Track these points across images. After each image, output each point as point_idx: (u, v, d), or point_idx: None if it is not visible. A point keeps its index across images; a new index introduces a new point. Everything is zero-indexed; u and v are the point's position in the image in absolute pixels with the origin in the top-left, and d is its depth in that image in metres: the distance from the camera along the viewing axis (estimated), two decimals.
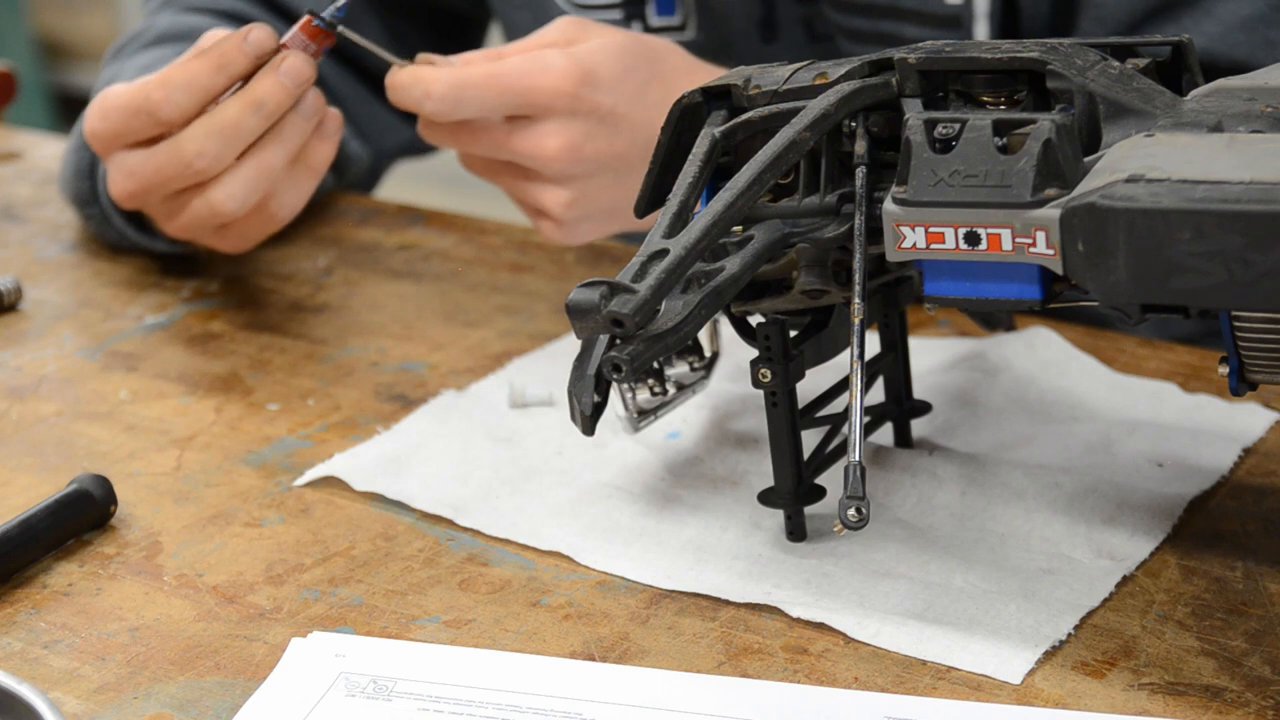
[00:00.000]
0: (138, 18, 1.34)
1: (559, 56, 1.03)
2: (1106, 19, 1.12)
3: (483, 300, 1.14)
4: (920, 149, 0.77)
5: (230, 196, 1.04)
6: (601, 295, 0.76)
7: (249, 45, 1.02)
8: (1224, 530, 0.85)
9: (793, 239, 0.82)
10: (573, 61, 1.03)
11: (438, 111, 1.03)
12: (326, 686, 0.76)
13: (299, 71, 1.02)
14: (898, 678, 0.76)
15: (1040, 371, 1.00)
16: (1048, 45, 0.79)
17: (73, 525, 0.88)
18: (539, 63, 1.03)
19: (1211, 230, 0.68)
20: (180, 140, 1.03)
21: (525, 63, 1.03)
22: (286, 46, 1.04)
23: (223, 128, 1.02)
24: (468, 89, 1.02)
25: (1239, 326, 0.75)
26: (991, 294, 0.77)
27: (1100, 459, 0.91)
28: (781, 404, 0.84)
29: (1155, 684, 0.75)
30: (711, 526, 0.87)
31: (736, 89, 0.86)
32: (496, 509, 0.90)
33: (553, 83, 1.02)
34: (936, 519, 0.87)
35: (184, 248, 1.19)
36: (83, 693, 0.77)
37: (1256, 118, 0.74)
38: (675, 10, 1.24)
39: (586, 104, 1.03)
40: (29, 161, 1.43)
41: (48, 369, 1.07)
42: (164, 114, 1.03)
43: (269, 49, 1.03)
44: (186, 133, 1.03)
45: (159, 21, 1.28)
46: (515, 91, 1.02)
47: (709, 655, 0.78)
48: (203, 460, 0.96)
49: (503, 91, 1.03)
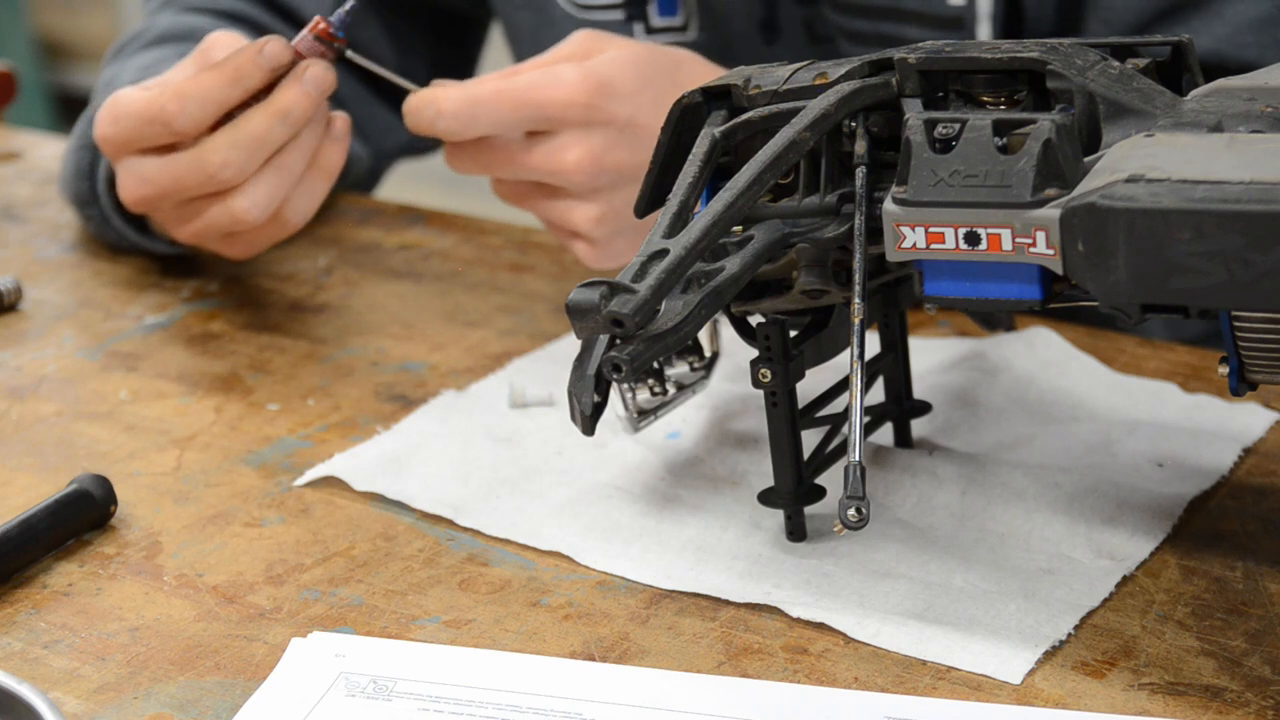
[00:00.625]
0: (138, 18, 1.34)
1: (571, 69, 1.03)
2: (1115, 21, 1.12)
3: (483, 300, 1.14)
4: (920, 149, 0.77)
5: (255, 204, 1.04)
6: (601, 295, 0.76)
7: (264, 59, 1.02)
8: (1224, 530, 0.85)
9: (793, 239, 0.82)
10: (586, 74, 1.02)
11: (451, 130, 1.03)
12: (326, 686, 0.76)
13: (321, 80, 1.03)
14: (898, 678, 0.76)
15: (1040, 371, 1.00)
16: (1048, 45, 0.79)
17: (73, 525, 0.88)
18: (551, 76, 1.02)
19: (1211, 230, 0.68)
20: (204, 150, 1.03)
21: (538, 77, 1.03)
22: (299, 52, 1.04)
23: (249, 139, 1.02)
24: (480, 105, 1.02)
25: (1239, 326, 0.75)
26: (991, 294, 0.77)
27: (1100, 459, 0.91)
28: (781, 404, 0.84)
29: (1155, 684, 0.75)
30: (711, 526, 0.87)
31: (736, 89, 0.86)
32: (496, 509, 0.90)
33: (565, 95, 1.02)
34: (936, 519, 0.87)
35: (183, 249, 1.19)
36: (83, 693, 0.77)
37: (1256, 118, 0.74)
38: (677, 11, 1.24)
39: (602, 114, 1.02)
40: (29, 161, 1.43)
41: (48, 369, 1.07)
42: (177, 125, 1.03)
43: (284, 62, 1.03)
44: (210, 143, 1.03)
45: (159, 21, 1.28)
46: (528, 105, 1.02)
47: (709, 655, 0.78)
48: (203, 460, 0.96)
49: (516, 106, 1.02)
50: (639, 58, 1.04)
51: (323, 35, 1.04)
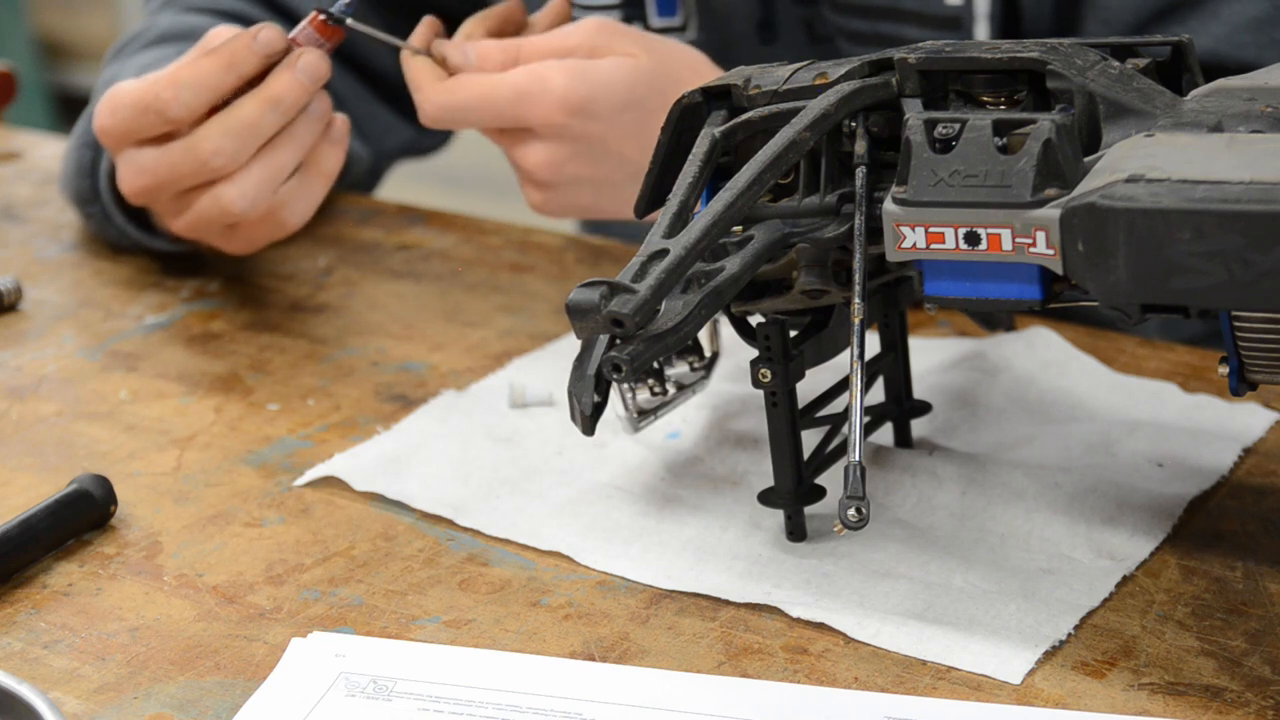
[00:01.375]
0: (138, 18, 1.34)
1: (562, 78, 1.03)
2: (1113, 21, 1.12)
3: (483, 300, 1.14)
4: (920, 149, 0.77)
5: (242, 195, 1.04)
6: (601, 295, 0.76)
7: (259, 45, 1.03)
8: (1224, 530, 0.85)
9: (793, 239, 0.82)
10: (571, 88, 1.03)
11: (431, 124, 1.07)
12: (326, 686, 0.76)
13: (315, 68, 1.03)
14: (898, 678, 0.76)
15: (1040, 371, 1.00)
16: (1047, 45, 0.79)
17: (73, 525, 0.88)
18: (538, 83, 1.03)
19: (1211, 230, 0.68)
20: (196, 138, 1.03)
21: (524, 82, 1.04)
22: (297, 43, 1.04)
23: (240, 126, 1.03)
24: (461, 111, 1.05)
25: (1239, 326, 0.75)
26: (991, 294, 0.77)
27: (1100, 459, 0.91)
28: (781, 404, 0.84)
29: (1155, 684, 0.75)
30: (711, 526, 0.87)
31: (736, 89, 0.86)
32: (496, 509, 0.90)
33: (543, 112, 1.04)
34: (936, 519, 0.87)
35: (185, 246, 1.19)
36: (83, 693, 0.77)
37: (1256, 118, 0.74)
38: (676, 11, 1.24)
39: (574, 132, 1.05)
40: (29, 161, 1.43)
41: (48, 369, 1.07)
42: (172, 112, 1.03)
43: (279, 49, 1.03)
44: (202, 130, 1.03)
45: (160, 21, 1.28)
46: (507, 116, 1.05)
47: (709, 655, 0.78)
48: (203, 460, 0.96)
49: (496, 116, 1.05)
50: (635, 75, 1.04)
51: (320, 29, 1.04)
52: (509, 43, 1.07)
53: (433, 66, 1.07)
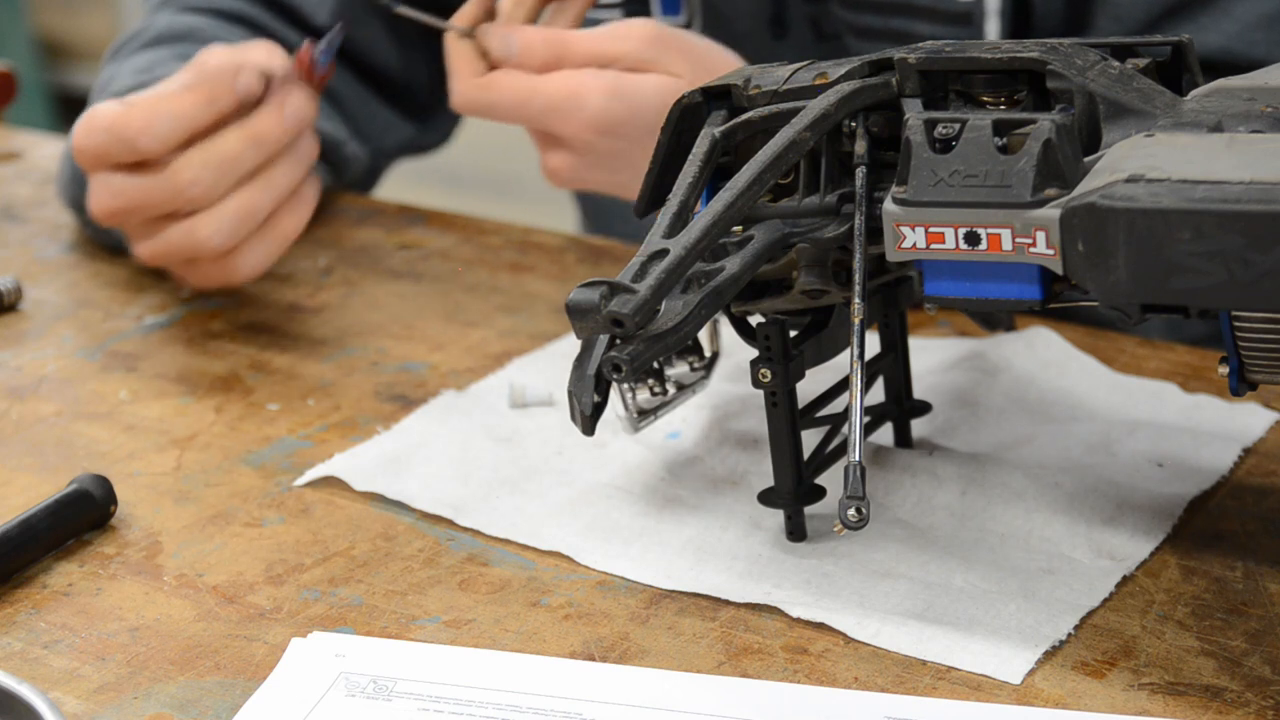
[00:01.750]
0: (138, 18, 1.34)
1: (598, 97, 1.04)
2: (1124, 17, 1.12)
3: (483, 300, 1.14)
4: (920, 149, 0.77)
5: (217, 231, 1.04)
6: (601, 295, 0.76)
7: (239, 88, 1.03)
8: (1224, 530, 0.85)
9: (793, 239, 0.82)
10: (605, 108, 1.04)
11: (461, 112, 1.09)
12: (326, 686, 0.76)
13: (301, 110, 1.04)
14: (898, 678, 0.76)
15: (1040, 371, 1.00)
16: (1047, 45, 0.79)
17: (73, 525, 0.88)
18: (573, 100, 1.04)
19: (1211, 230, 0.68)
20: (175, 168, 1.03)
21: (560, 96, 1.04)
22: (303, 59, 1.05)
23: (220, 160, 1.03)
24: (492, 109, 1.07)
25: (1239, 326, 0.75)
26: (991, 294, 0.77)
27: (1100, 459, 0.91)
28: (781, 404, 0.84)
29: (1155, 684, 0.75)
30: (711, 526, 0.87)
31: (736, 89, 0.86)
32: (496, 509, 0.90)
33: (574, 129, 1.05)
34: (936, 519, 0.87)
35: None
36: (83, 693, 0.77)
37: (1256, 118, 0.74)
38: (680, 10, 1.24)
39: (598, 148, 1.06)
40: (29, 161, 1.43)
41: (48, 369, 1.07)
42: (142, 144, 1.03)
43: (256, 95, 1.04)
44: (182, 160, 1.03)
45: (157, 21, 1.28)
46: (538, 124, 1.06)
47: (709, 655, 0.78)
48: (203, 460, 0.96)
49: (526, 120, 1.07)
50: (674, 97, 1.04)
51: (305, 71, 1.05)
52: (554, 36, 1.06)
53: (473, 55, 1.07)
